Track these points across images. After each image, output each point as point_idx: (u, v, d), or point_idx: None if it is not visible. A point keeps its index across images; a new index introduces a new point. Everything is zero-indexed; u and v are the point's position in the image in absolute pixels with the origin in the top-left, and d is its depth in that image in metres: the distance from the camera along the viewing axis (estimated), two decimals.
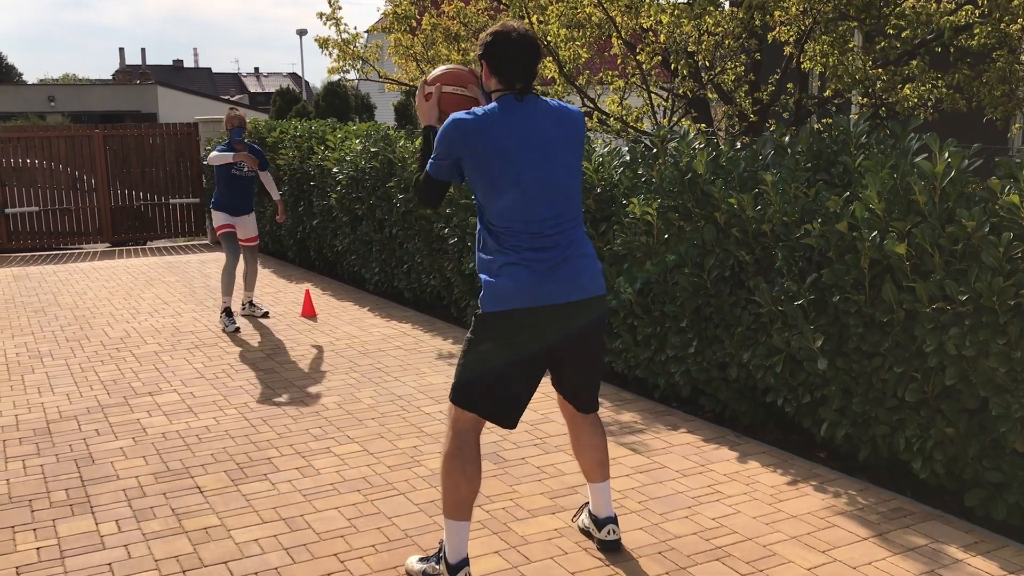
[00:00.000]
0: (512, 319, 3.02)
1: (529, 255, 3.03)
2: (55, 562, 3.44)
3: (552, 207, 3.05)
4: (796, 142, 4.79)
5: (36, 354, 6.64)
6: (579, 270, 3.08)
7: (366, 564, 3.39)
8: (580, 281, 3.08)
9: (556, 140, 3.07)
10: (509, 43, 3.05)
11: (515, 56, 3.05)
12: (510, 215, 3.02)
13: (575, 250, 3.10)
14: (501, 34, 3.07)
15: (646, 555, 3.43)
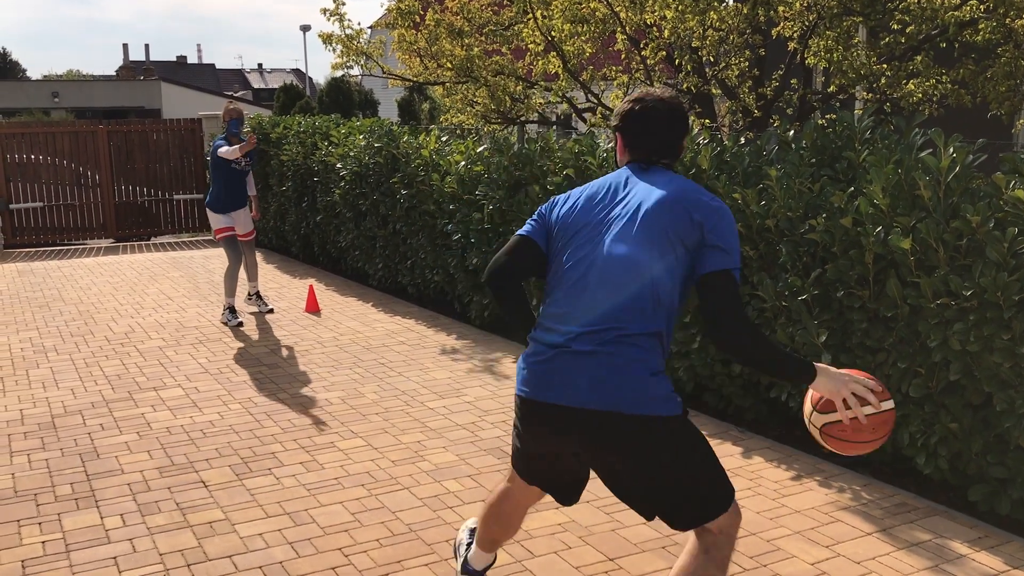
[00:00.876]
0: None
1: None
2: (60, 556, 3.45)
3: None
4: (800, 137, 4.79)
5: (41, 349, 6.66)
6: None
7: (370, 558, 3.40)
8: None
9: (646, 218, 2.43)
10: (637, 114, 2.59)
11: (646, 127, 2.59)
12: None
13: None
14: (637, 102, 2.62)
15: (650, 550, 3.44)
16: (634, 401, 2.33)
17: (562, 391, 2.38)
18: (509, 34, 8.43)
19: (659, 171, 2.56)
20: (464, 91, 8.71)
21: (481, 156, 7.08)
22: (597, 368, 2.35)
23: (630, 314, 2.37)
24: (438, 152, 7.69)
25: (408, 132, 8.32)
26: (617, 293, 2.39)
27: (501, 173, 6.61)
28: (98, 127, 13.11)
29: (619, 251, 2.42)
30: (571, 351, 2.39)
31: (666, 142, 2.59)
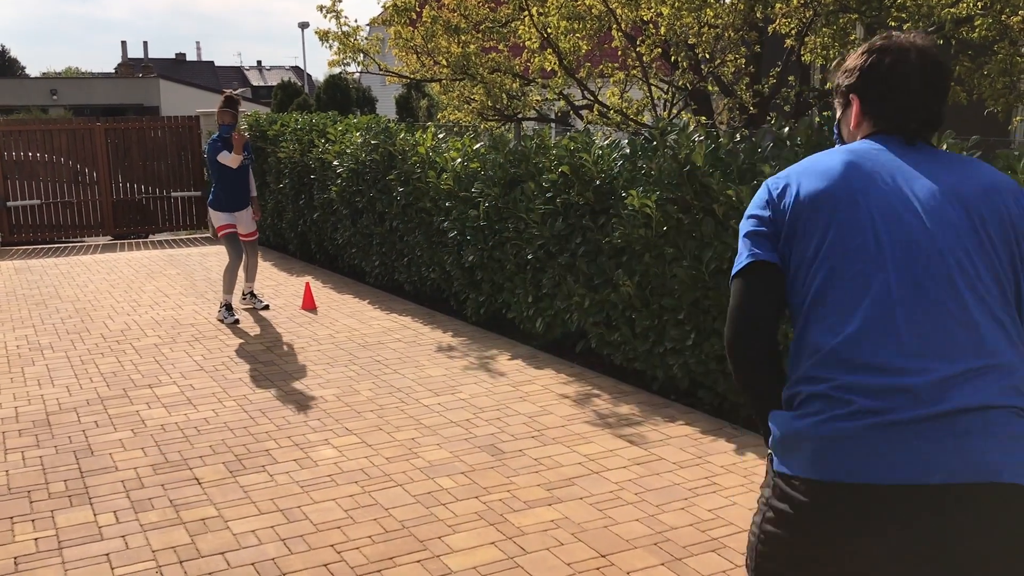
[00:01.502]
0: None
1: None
2: (53, 552, 3.45)
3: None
4: (795, 134, 4.78)
5: (37, 346, 6.66)
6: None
7: (363, 555, 3.40)
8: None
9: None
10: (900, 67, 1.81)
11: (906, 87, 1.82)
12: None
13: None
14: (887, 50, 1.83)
15: (642, 546, 3.44)
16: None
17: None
18: (506, 31, 8.42)
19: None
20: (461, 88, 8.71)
21: (477, 153, 7.08)
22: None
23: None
24: (435, 149, 7.69)
25: (405, 129, 8.31)
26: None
27: (497, 170, 6.61)
28: (95, 125, 13.10)
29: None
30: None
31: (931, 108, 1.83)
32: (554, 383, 5.54)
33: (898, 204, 1.71)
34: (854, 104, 1.89)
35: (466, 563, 3.33)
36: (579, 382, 5.56)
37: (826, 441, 1.60)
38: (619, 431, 4.69)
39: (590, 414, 4.96)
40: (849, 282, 1.67)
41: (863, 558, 1.57)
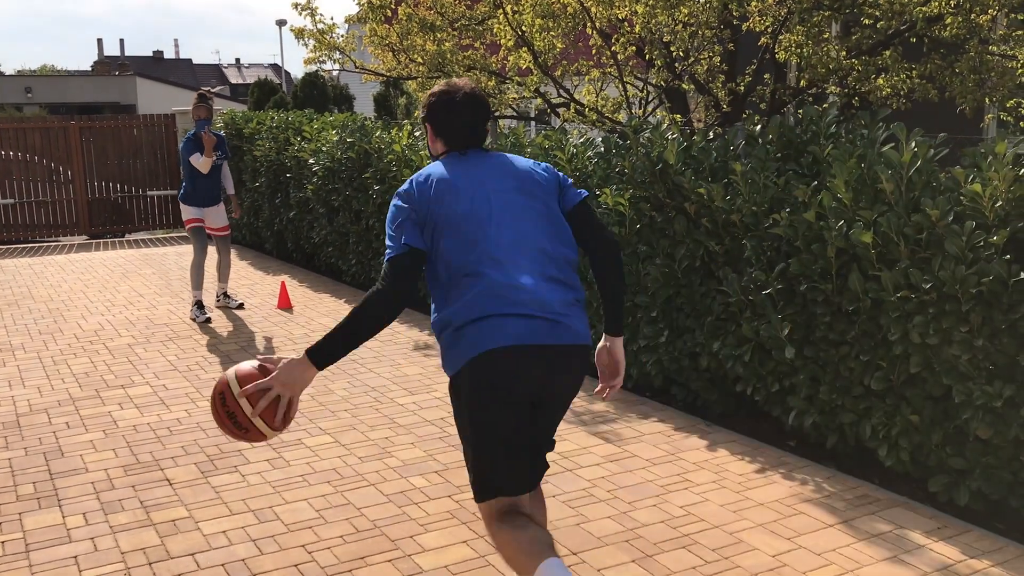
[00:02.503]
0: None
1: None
2: (19, 556, 3.42)
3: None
4: (766, 132, 4.81)
5: (8, 347, 6.59)
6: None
7: (334, 555, 3.39)
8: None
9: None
10: (454, 104, 2.74)
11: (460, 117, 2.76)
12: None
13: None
14: (444, 94, 2.77)
15: (613, 543, 3.45)
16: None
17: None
18: (482, 28, 8.41)
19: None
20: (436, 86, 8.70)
21: None
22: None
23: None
24: (410, 147, 7.67)
25: (380, 127, 8.29)
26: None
27: None
28: (70, 123, 12.99)
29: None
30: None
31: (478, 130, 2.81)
32: None
33: (477, 187, 2.65)
34: (429, 128, 2.83)
35: (438, 562, 3.33)
36: None
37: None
38: (593, 428, 4.70)
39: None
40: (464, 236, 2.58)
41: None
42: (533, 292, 2.54)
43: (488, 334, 2.49)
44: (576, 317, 2.62)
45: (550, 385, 2.58)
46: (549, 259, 2.63)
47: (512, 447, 2.56)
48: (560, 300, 2.59)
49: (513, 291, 2.53)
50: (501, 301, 2.51)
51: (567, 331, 2.56)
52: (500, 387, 2.50)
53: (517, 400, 2.53)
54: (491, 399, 2.51)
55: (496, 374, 2.49)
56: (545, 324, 2.53)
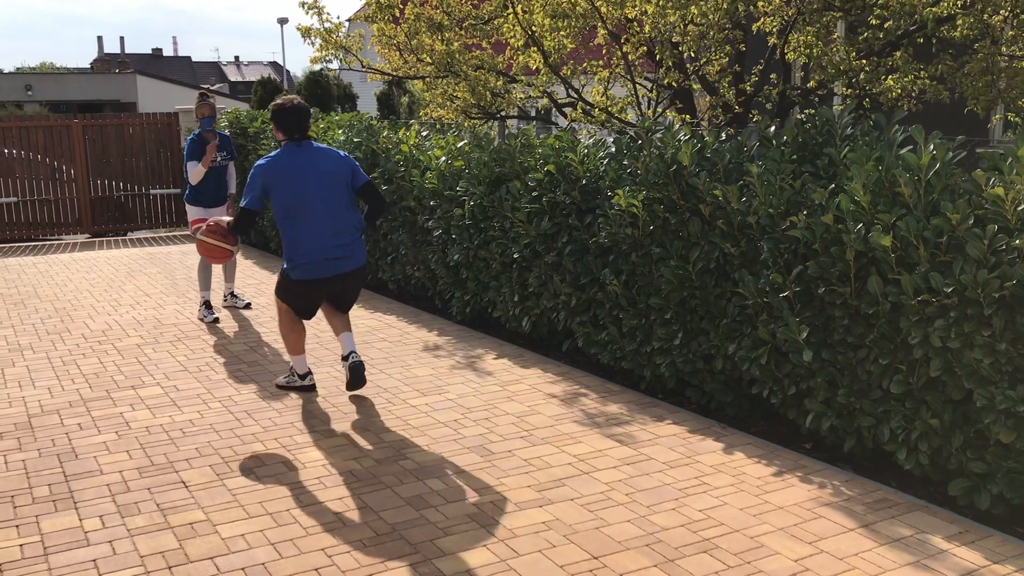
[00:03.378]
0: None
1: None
2: (39, 559, 3.40)
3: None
4: (781, 134, 4.79)
5: (16, 347, 6.57)
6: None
7: (354, 559, 3.38)
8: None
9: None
10: (288, 110, 5.03)
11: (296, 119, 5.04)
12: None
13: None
14: (281, 105, 5.10)
15: (634, 547, 3.44)
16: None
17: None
18: (489, 28, 8.38)
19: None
20: (444, 85, 8.66)
21: (462, 152, 7.05)
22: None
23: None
24: (418, 147, 7.65)
25: (388, 127, 8.26)
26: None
27: (482, 169, 6.58)
28: (73, 121, 12.95)
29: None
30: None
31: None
32: (541, 382, 5.54)
33: (308, 169, 5.01)
34: (274, 125, 5.09)
35: (459, 566, 3.32)
36: (566, 381, 5.55)
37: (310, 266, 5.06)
38: (608, 431, 4.69)
39: (578, 414, 4.96)
40: (298, 207, 4.97)
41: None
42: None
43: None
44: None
45: (342, 285, 5.19)
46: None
47: (309, 308, 5.28)
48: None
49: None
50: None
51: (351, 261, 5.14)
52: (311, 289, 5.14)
53: (317, 295, 5.18)
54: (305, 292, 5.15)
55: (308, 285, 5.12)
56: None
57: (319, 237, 4.95)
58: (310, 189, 4.92)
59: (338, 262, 5.01)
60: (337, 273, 5.03)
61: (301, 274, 4.99)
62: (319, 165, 4.98)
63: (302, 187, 4.91)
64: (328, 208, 4.96)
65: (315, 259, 4.96)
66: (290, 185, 4.91)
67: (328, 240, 4.96)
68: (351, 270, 5.09)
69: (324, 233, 4.96)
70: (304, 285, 5.04)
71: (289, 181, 4.92)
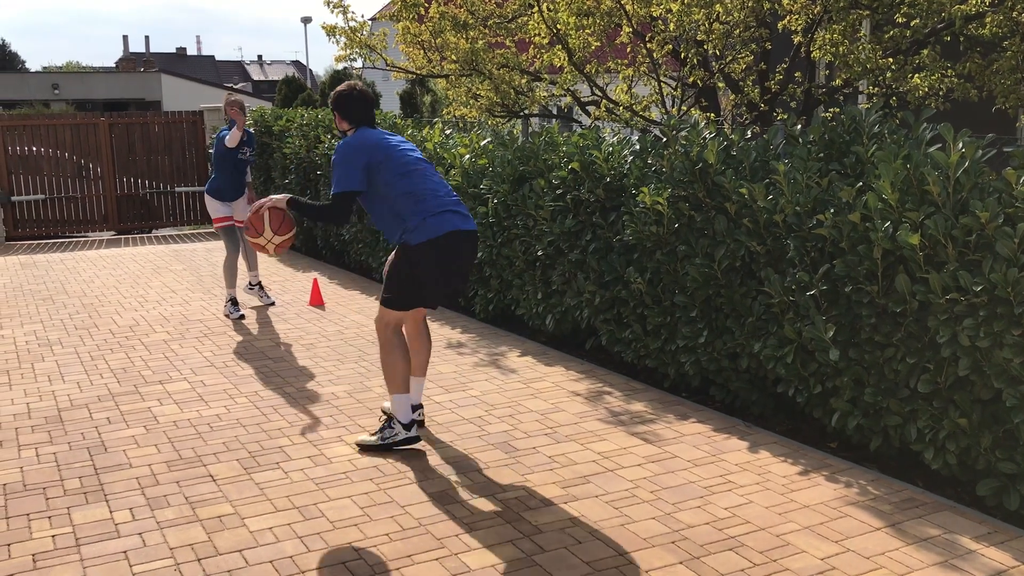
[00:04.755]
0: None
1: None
2: (71, 550, 3.45)
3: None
4: (808, 132, 4.78)
5: (46, 342, 6.66)
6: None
7: (380, 553, 3.40)
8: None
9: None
10: (357, 97, 4.50)
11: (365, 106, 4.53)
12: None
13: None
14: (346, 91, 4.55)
15: (659, 544, 3.44)
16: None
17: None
18: (513, 26, 8.40)
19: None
20: (468, 84, 8.69)
21: (485, 150, 7.07)
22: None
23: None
24: (442, 145, 7.68)
25: (412, 125, 8.29)
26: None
27: (505, 167, 6.60)
28: (99, 119, 13.09)
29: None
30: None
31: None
32: (565, 380, 5.55)
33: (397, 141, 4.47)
34: (340, 114, 4.53)
35: (485, 561, 3.33)
36: (590, 379, 5.56)
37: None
38: (632, 429, 4.69)
39: (602, 411, 4.96)
40: (412, 169, 4.39)
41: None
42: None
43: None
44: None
45: (469, 253, 4.45)
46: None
47: (438, 290, 4.48)
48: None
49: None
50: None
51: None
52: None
53: (448, 263, 4.36)
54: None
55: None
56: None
57: (437, 193, 4.37)
58: (411, 157, 4.41)
59: (465, 218, 4.38)
60: (467, 228, 4.35)
61: (433, 230, 4.25)
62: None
63: (403, 154, 4.39)
64: (432, 173, 4.47)
65: (446, 208, 4.32)
66: (395, 153, 4.36)
67: (447, 196, 4.40)
68: (474, 229, 4.41)
69: (439, 190, 4.39)
70: (436, 249, 4.26)
71: (392, 149, 4.37)
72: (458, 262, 4.34)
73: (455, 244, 4.30)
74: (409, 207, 4.30)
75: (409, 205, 4.30)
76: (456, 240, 4.30)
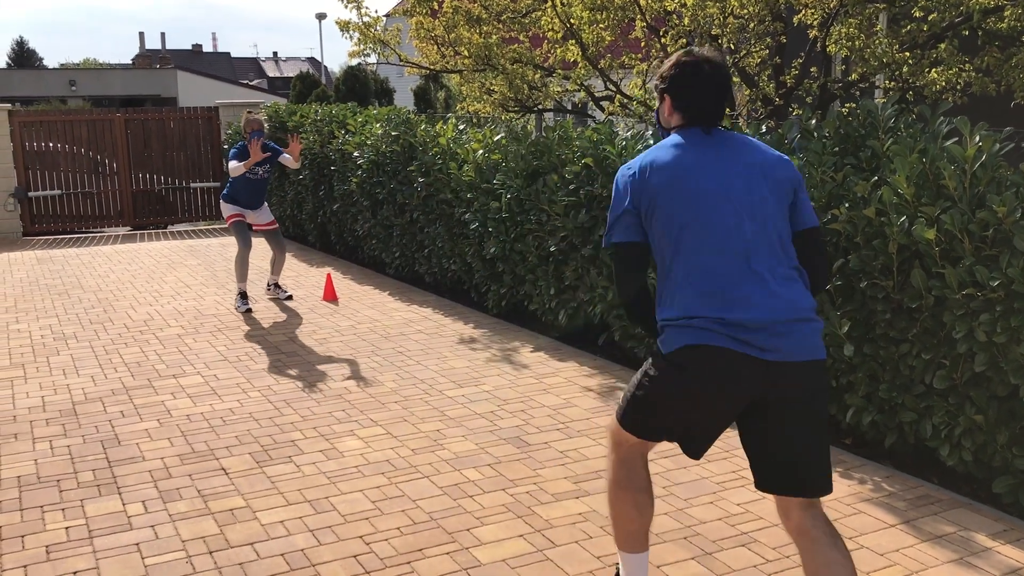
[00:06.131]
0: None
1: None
2: (84, 542, 3.47)
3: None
4: (823, 126, 4.74)
5: (61, 336, 6.69)
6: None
7: (392, 546, 3.40)
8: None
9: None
10: (701, 77, 2.66)
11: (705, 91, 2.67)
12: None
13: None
14: (690, 65, 2.67)
15: (672, 540, 3.42)
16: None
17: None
18: (527, 21, 8.39)
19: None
20: (482, 79, 8.68)
21: (499, 144, 7.06)
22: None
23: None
24: (455, 140, 7.67)
25: (425, 120, 8.30)
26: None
27: (519, 162, 6.58)
28: (115, 115, 13.15)
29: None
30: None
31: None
32: (577, 375, 5.53)
33: (721, 167, 2.60)
34: (666, 100, 2.73)
35: (495, 555, 3.32)
36: (603, 374, 5.54)
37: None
38: None
39: (615, 407, 4.94)
40: (692, 227, 2.57)
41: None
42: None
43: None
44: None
45: (777, 393, 2.49)
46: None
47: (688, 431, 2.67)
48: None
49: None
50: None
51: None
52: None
53: (712, 404, 2.54)
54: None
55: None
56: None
57: (731, 282, 2.49)
58: (719, 198, 2.54)
59: (775, 337, 2.45)
60: (768, 358, 2.44)
61: (689, 338, 2.49)
62: (744, 159, 2.62)
63: (703, 194, 2.55)
64: (756, 234, 2.53)
65: (719, 316, 2.47)
66: (682, 195, 2.56)
67: (752, 287, 2.48)
68: (800, 361, 2.47)
69: (742, 276, 2.50)
70: (692, 377, 2.49)
71: (681, 190, 2.56)
72: (750, 422, 2.61)
73: (736, 382, 2.54)
74: (664, 300, 2.73)
75: (663, 300, 2.73)
76: (736, 375, 2.52)
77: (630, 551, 2.80)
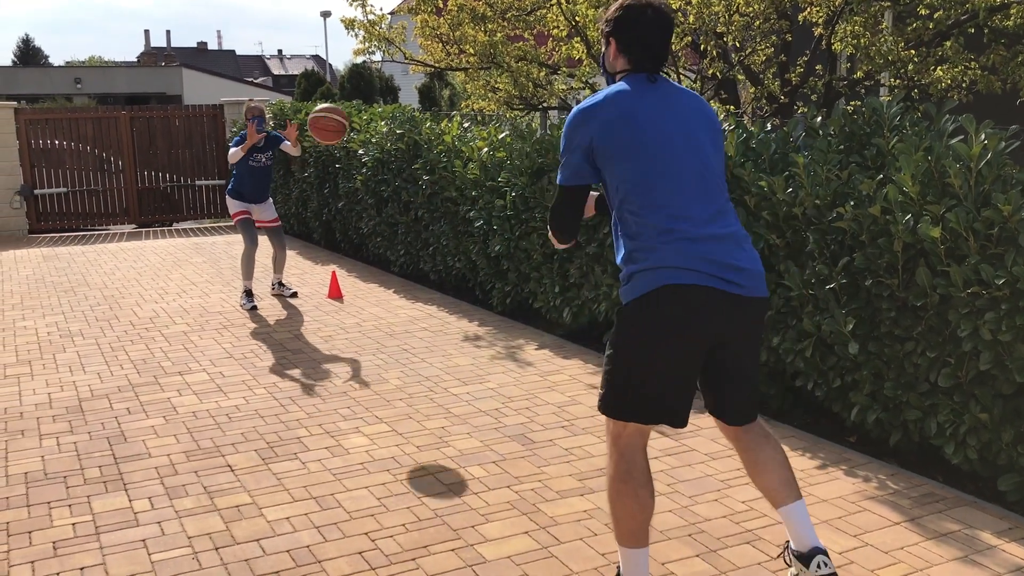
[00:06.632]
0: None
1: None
2: (91, 538, 3.48)
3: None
4: (828, 124, 4.74)
5: (67, 333, 6.72)
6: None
7: (397, 543, 3.41)
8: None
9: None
10: (644, 20, 2.73)
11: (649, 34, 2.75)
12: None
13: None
14: (635, 8, 2.75)
15: (676, 537, 3.43)
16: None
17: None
18: (532, 19, 8.39)
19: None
20: (486, 77, 8.69)
21: (504, 142, 7.07)
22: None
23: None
24: (460, 138, 7.68)
25: (430, 118, 8.30)
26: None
27: (524, 160, 6.59)
28: (120, 113, 13.18)
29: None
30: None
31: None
32: (582, 373, 5.54)
33: (669, 115, 2.72)
34: (612, 44, 2.81)
35: (500, 552, 3.33)
36: None
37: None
38: None
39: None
40: (653, 176, 2.70)
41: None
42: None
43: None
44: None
45: (738, 329, 2.75)
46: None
47: (678, 386, 2.77)
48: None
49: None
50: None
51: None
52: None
53: (694, 341, 2.69)
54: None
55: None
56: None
57: (692, 224, 2.64)
58: (677, 146, 2.67)
59: (735, 272, 2.65)
60: (733, 292, 2.64)
61: (663, 278, 2.62)
62: (686, 105, 2.75)
63: (661, 143, 2.66)
64: (705, 180, 2.70)
65: (689, 258, 2.62)
66: (640, 139, 2.65)
67: (711, 228, 2.66)
68: (754, 297, 2.70)
69: (701, 219, 2.65)
70: (672, 314, 2.61)
71: (637, 132, 2.65)
72: (714, 361, 2.87)
73: (709, 319, 2.74)
74: (629, 250, 2.93)
75: (628, 250, 2.90)
76: (710, 312, 2.73)
77: (631, 546, 2.82)
